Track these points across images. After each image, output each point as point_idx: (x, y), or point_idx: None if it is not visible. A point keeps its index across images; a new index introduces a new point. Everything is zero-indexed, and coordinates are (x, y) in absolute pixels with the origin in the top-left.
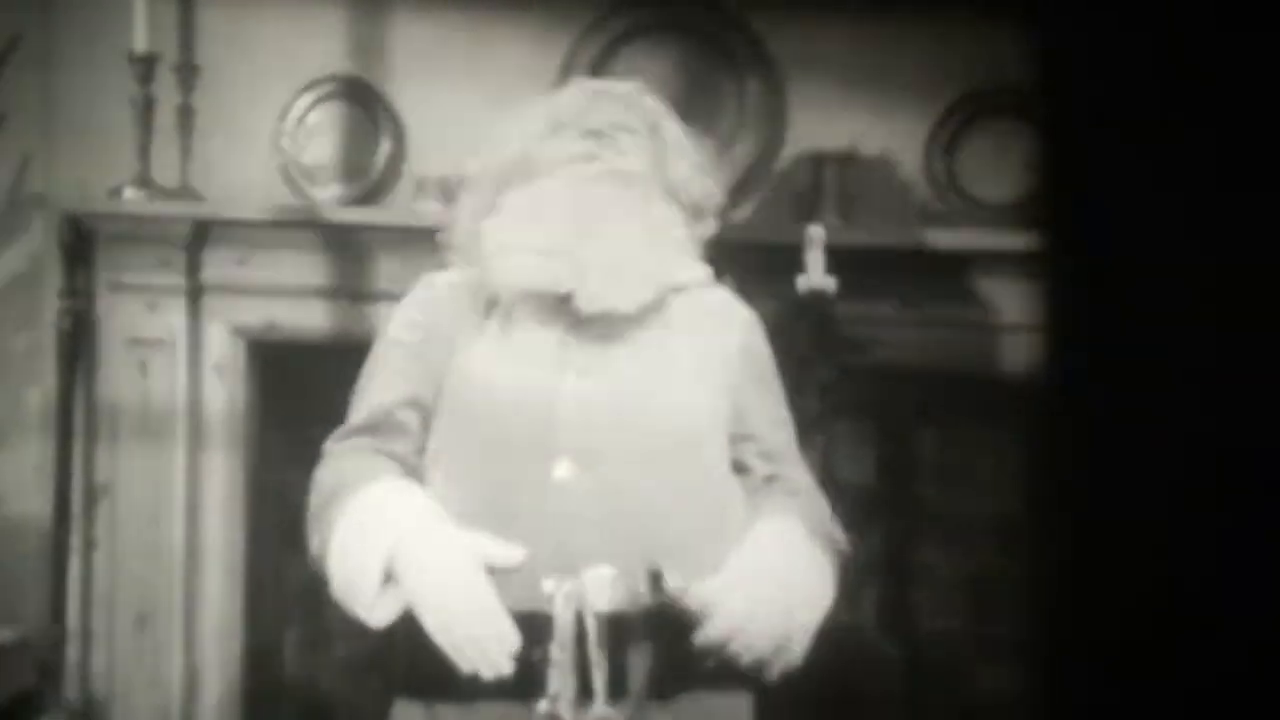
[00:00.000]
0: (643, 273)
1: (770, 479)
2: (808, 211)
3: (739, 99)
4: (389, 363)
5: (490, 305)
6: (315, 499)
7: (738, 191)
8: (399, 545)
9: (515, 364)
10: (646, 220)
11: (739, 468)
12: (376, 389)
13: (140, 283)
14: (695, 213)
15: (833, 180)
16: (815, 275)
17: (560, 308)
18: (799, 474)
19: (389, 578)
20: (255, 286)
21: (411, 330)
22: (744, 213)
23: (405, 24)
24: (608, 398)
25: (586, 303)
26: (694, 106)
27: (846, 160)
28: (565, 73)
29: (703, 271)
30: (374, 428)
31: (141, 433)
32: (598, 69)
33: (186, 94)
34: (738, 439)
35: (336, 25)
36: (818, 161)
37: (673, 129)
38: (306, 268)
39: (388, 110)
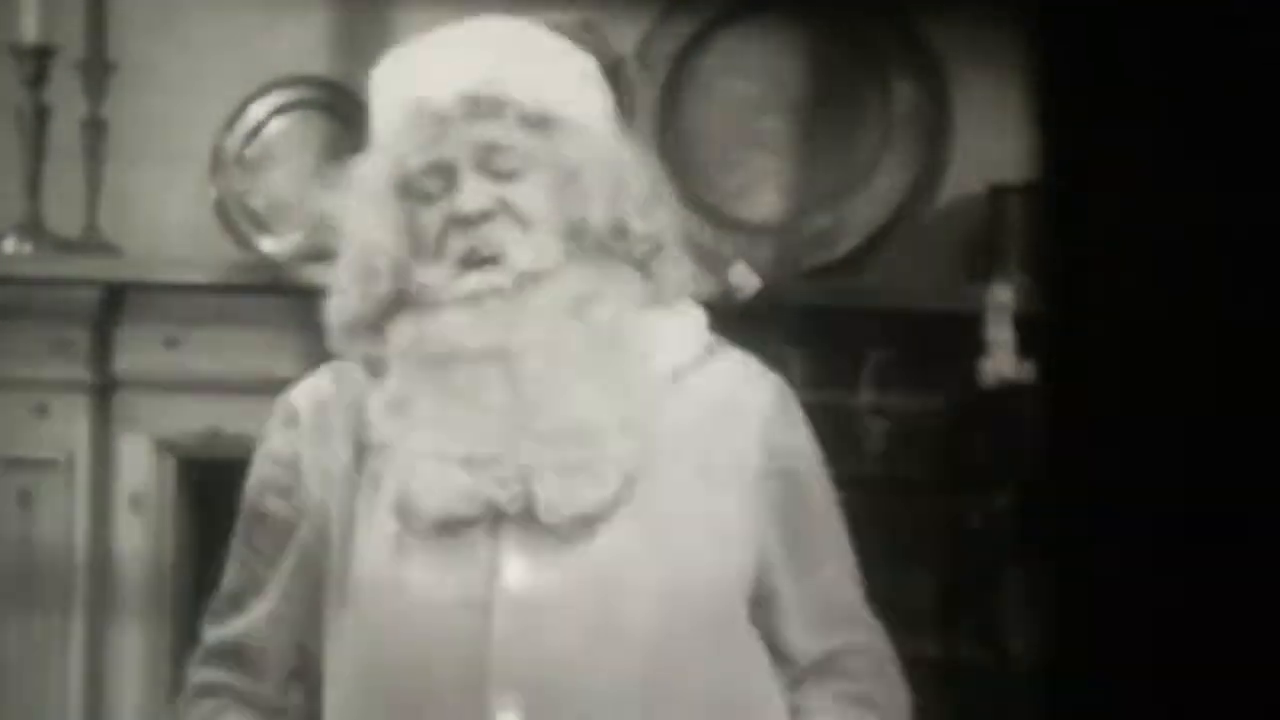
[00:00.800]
0: (617, 441)
1: (820, 666)
2: (985, 266)
3: (884, 106)
4: (245, 548)
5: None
6: None
7: (882, 237)
8: None
9: (427, 558)
10: (591, 329)
11: (771, 650)
12: (230, 594)
13: (24, 375)
14: (639, 262)
15: (1019, 221)
16: (1003, 359)
17: None
18: (862, 637)
19: None
20: (191, 379)
21: (270, 493)
22: (891, 268)
23: (405, 7)
24: (567, 601)
25: (548, 513)
26: (820, 118)
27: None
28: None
29: (696, 331)
30: (232, 657)
31: (23, 596)
32: (684, 67)
33: (95, 102)
34: (764, 603)
35: (307, 7)
36: (996, 195)
37: (579, 106)
38: (264, 351)
39: None
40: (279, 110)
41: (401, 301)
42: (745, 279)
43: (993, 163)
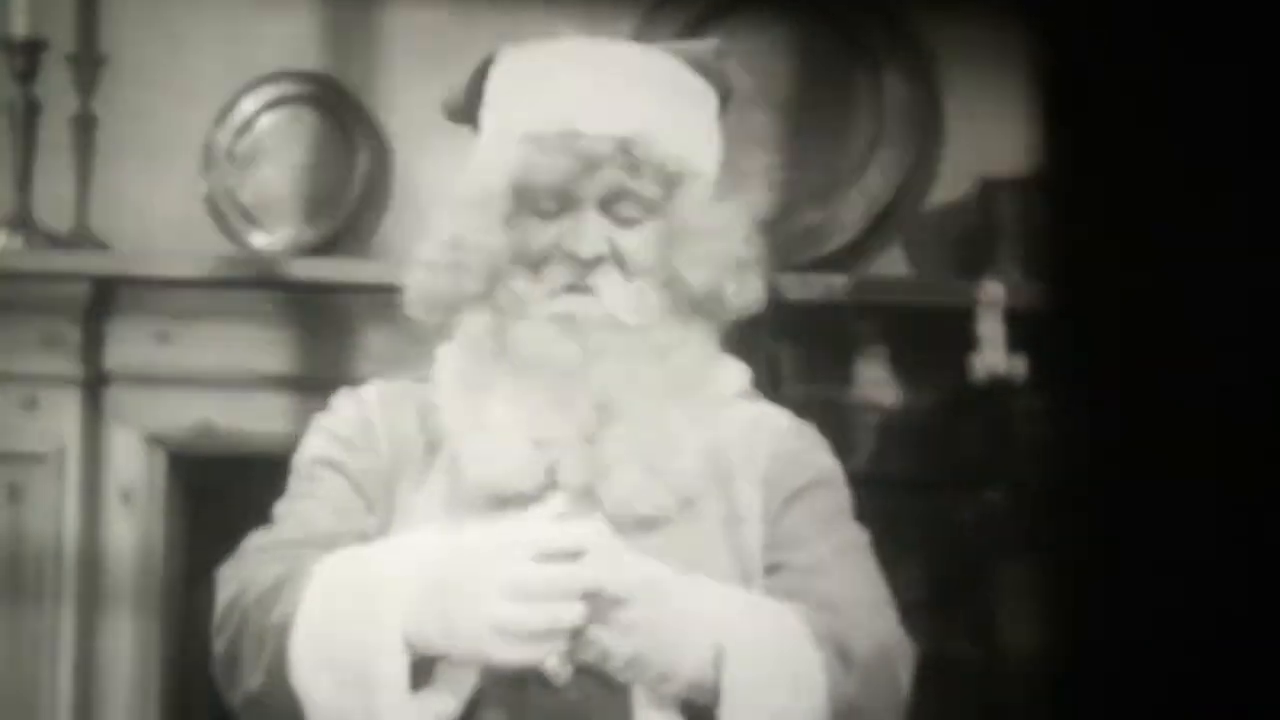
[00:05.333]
0: (689, 462)
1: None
2: (977, 261)
3: (875, 101)
4: (324, 490)
5: (436, 442)
6: (241, 595)
7: (872, 233)
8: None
9: (476, 523)
10: (670, 362)
11: None
12: (308, 518)
13: (14, 369)
14: (722, 324)
15: (1011, 216)
16: (993, 354)
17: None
18: (834, 585)
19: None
20: (181, 374)
21: (345, 449)
22: (882, 263)
23: (394, 2)
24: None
25: (614, 505)
26: (811, 113)
27: (1029, 187)
28: None
29: (737, 378)
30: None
31: (12, 590)
32: None
33: (86, 97)
34: (770, 571)
35: (297, 2)
36: (989, 189)
37: (705, 167)
38: (255, 346)
39: (367, 120)
40: (270, 105)
41: (483, 296)
42: None
43: (984, 158)
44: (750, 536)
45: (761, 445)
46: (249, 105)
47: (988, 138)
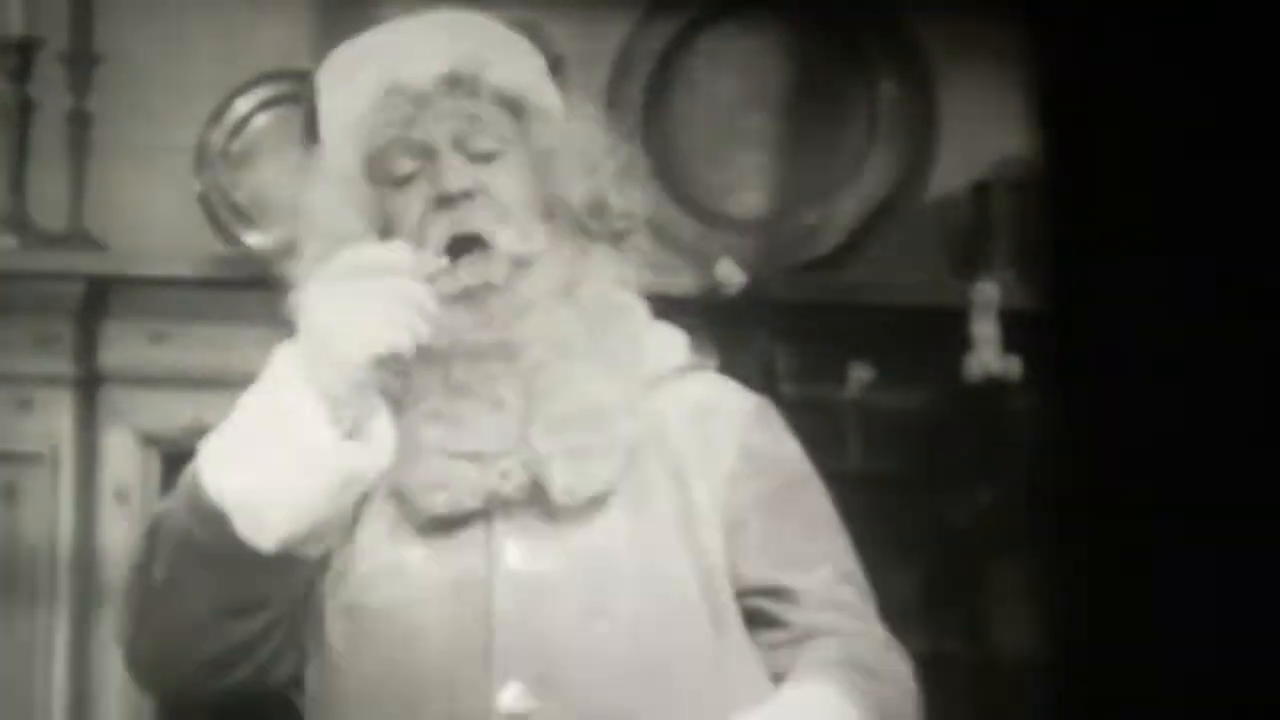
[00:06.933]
0: (622, 421)
1: (807, 637)
2: (972, 261)
3: (869, 105)
4: None
5: None
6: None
7: (867, 233)
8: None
9: (424, 542)
10: (582, 310)
11: (761, 620)
12: None
13: (8, 370)
14: (615, 239)
15: (1006, 216)
16: (988, 354)
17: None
18: (844, 621)
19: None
20: (176, 373)
21: None
22: (877, 264)
23: (389, 1)
24: (562, 581)
25: (564, 496)
26: (805, 114)
27: (1024, 187)
28: (620, 70)
29: (678, 346)
30: None
31: (6, 591)
32: (669, 64)
33: (80, 96)
34: (749, 590)
35: (293, 1)
36: (983, 189)
37: (547, 97)
38: (249, 346)
39: None
40: (264, 104)
41: None
42: (731, 275)
43: (979, 158)
44: (708, 535)
45: (723, 436)
46: (243, 105)
47: (982, 138)
